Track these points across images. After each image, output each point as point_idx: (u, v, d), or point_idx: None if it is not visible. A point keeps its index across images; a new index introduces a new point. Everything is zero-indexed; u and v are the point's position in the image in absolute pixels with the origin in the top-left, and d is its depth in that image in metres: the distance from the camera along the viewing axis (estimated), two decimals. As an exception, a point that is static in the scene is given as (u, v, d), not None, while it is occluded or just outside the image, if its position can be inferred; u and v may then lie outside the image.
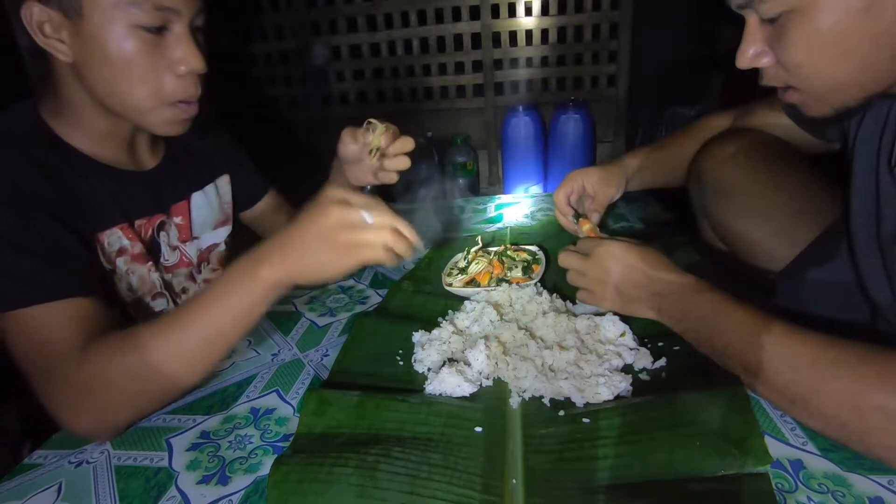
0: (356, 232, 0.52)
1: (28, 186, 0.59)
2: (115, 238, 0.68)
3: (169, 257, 0.77)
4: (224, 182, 0.88)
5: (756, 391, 0.50)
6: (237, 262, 0.55)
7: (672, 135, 0.93)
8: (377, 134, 0.69)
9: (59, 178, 0.63)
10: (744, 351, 0.50)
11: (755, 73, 0.58)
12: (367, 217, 0.52)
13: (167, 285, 0.76)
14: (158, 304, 0.74)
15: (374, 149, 0.70)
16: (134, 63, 0.59)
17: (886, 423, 0.41)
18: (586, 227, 0.81)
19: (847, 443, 0.44)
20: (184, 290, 0.80)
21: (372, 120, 0.69)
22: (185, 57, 0.61)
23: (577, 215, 0.85)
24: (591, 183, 0.86)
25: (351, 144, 0.74)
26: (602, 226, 1.05)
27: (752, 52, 0.54)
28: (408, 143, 0.71)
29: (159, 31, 0.59)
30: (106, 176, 0.68)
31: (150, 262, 0.73)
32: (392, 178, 0.73)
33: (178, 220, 0.78)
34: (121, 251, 0.69)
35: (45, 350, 0.54)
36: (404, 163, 0.71)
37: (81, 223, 0.63)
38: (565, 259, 0.68)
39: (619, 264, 0.61)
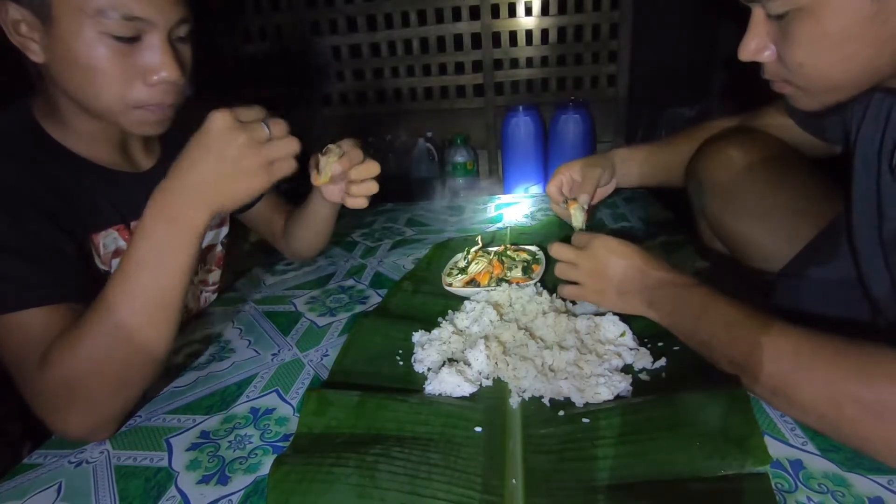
0: (265, 150, 0.52)
1: (21, 188, 0.58)
2: (110, 239, 0.68)
3: None
4: None
5: (742, 383, 0.50)
6: (153, 212, 0.52)
7: (674, 135, 0.92)
8: (329, 161, 0.66)
9: (54, 179, 0.62)
10: (728, 343, 0.51)
11: (755, 72, 0.57)
12: (267, 129, 0.52)
13: None
14: None
15: (326, 175, 0.67)
16: (101, 69, 0.57)
17: (861, 413, 0.42)
18: (573, 208, 0.81)
19: (826, 433, 0.45)
20: None
21: (330, 147, 0.66)
22: (157, 67, 0.59)
23: (566, 200, 0.86)
24: (576, 170, 0.87)
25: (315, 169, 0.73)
26: (602, 225, 1.05)
27: (754, 46, 0.54)
28: (372, 168, 0.66)
29: (132, 40, 0.57)
30: (100, 177, 0.68)
31: None
32: (361, 203, 0.69)
33: None
34: (117, 252, 0.69)
35: (24, 355, 0.53)
36: (370, 188, 0.68)
37: (76, 225, 0.63)
38: (558, 250, 0.67)
39: (615, 257, 0.62)
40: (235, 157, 0.51)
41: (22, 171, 0.59)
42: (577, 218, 0.81)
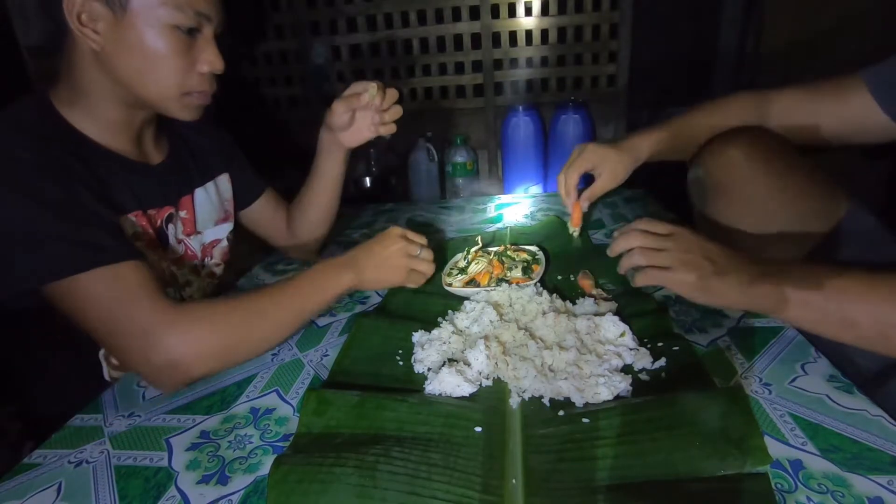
0: (412, 262, 0.73)
1: (62, 162, 0.62)
2: (129, 224, 0.70)
3: (175, 250, 0.78)
4: (224, 180, 0.90)
5: (860, 343, 0.49)
6: (324, 265, 0.70)
7: (692, 113, 0.86)
8: (375, 90, 0.79)
9: (82, 161, 0.65)
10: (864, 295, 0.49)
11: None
12: (421, 250, 0.74)
13: (172, 278, 0.77)
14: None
15: (373, 95, 0.80)
16: (165, 58, 0.65)
17: None
18: (576, 215, 0.88)
19: None
20: (187, 283, 0.81)
21: (370, 83, 0.79)
22: (209, 58, 0.68)
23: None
24: (605, 167, 0.85)
25: (345, 114, 0.81)
26: (601, 225, 1.05)
27: None
28: (394, 94, 0.82)
29: (191, 32, 0.66)
30: (120, 165, 0.70)
31: (161, 250, 0.74)
32: (392, 129, 0.84)
33: (183, 213, 0.80)
34: (135, 236, 0.71)
35: (118, 308, 0.57)
36: (398, 111, 0.83)
37: (107, 203, 0.65)
38: (636, 238, 0.60)
39: (707, 242, 0.57)
40: (390, 255, 0.72)
41: (60, 150, 0.63)
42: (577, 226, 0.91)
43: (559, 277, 0.81)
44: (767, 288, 0.52)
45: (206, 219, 0.84)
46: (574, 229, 0.92)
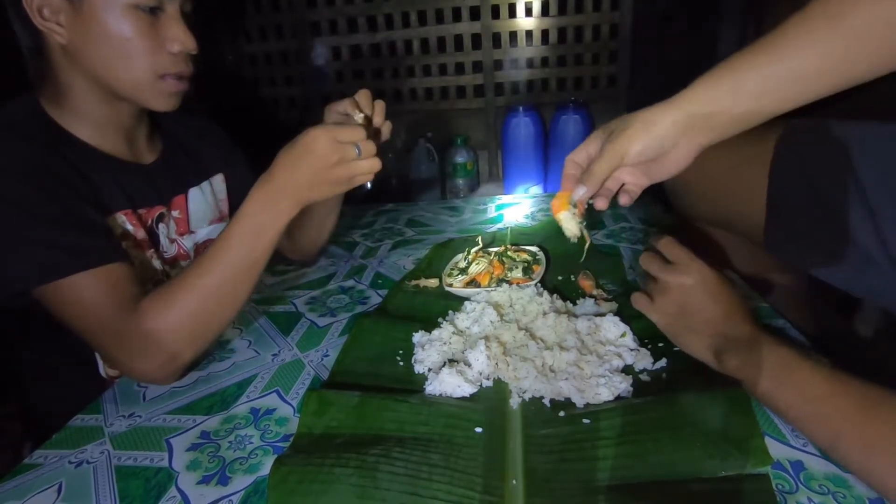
0: (352, 165, 0.62)
1: (46, 166, 0.62)
2: (118, 223, 0.70)
3: (167, 249, 0.78)
4: (219, 180, 0.90)
5: (831, 455, 0.44)
6: (255, 199, 0.62)
7: (769, 52, 0.49)
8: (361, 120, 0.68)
9: (70, 162, 0.65)
10: (808, 418, 0.45)
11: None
12: (357, 149, 0.61)
13: (165, 276, 0.77)
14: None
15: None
16: (131, 41, 0.63)
17: None
18: (560, 214, 0.61)
19: None
20: None
21: (352, 116, 0.68)
22: (177, 36, 0.65)
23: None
24: (597, 142, 0.57)
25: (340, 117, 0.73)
26: (601, 226, 1.05)
27: None
28: (381, 106, 0.71)
29: (154, 11, 0.63)
30: (109, 165, 0.70)
31: (152, 250, 0.74)
32: (384, 136, 0.73)
33: (176, 213, 0.80)
34: (124, 235, 0.71)
35: (102, 311, 0.58)
36: (389, 127, 0.73)
37: (94, 204, 0.65)
38: (647, 260, 0.59)
39: (705, 294, 0.54)
40: (327, 170, 0.60)
41: (42, 152, 0.63)
42: (567, 225, 0.61)
43: (560, 278, 0.81)
44: (732, 367, 0.51)
45: (199, 218, 0.84)
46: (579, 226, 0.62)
